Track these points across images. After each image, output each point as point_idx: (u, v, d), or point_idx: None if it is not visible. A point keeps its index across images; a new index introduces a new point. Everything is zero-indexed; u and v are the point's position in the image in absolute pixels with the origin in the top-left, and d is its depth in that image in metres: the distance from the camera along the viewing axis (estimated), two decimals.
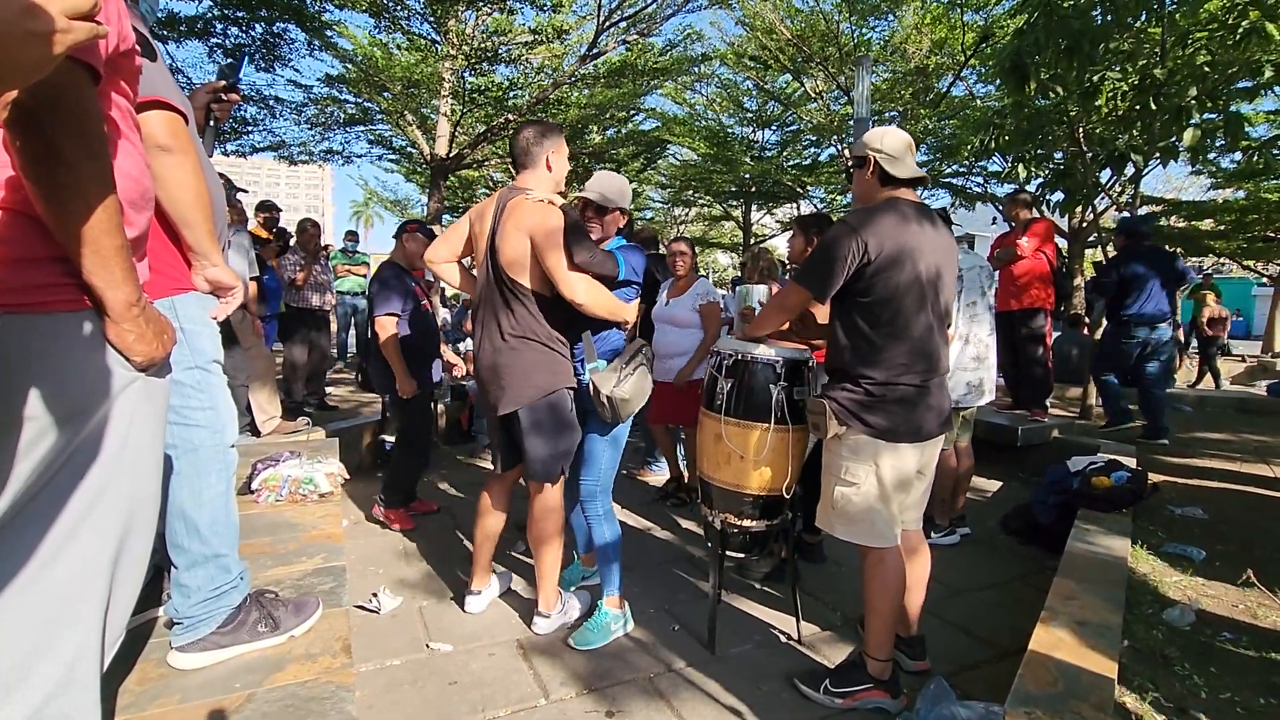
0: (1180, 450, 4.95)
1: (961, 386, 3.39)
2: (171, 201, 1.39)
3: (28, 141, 0.84)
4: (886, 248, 1.94)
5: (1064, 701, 1.66)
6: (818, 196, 14.90)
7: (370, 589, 2.76)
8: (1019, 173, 5.67)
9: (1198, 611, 2.47)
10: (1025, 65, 4.30)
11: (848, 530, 2.10)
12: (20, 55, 0.62)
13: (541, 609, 2.54)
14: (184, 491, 1.53)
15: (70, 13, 0.64)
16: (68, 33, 0.65)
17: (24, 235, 0.91)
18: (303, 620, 1.73)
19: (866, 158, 2.10)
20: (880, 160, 2.07)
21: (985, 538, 3.67)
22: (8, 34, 0.62)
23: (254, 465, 2.91)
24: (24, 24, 0.61)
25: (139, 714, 1.39)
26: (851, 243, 1.94)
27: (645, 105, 13.14)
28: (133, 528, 1.07)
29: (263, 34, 7.83)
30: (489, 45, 8.66)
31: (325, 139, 10.44)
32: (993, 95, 9.69)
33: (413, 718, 2.05)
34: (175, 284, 1.47)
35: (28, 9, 0.61)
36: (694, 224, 21.64)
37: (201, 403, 1.54)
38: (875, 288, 1.96)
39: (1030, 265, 4.94)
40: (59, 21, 0.64)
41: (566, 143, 2.47)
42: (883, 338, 1.99)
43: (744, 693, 2.20)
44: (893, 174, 2.06)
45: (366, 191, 17.95)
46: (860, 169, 2.13)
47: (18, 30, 0.62)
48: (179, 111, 1.36)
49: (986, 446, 4.47)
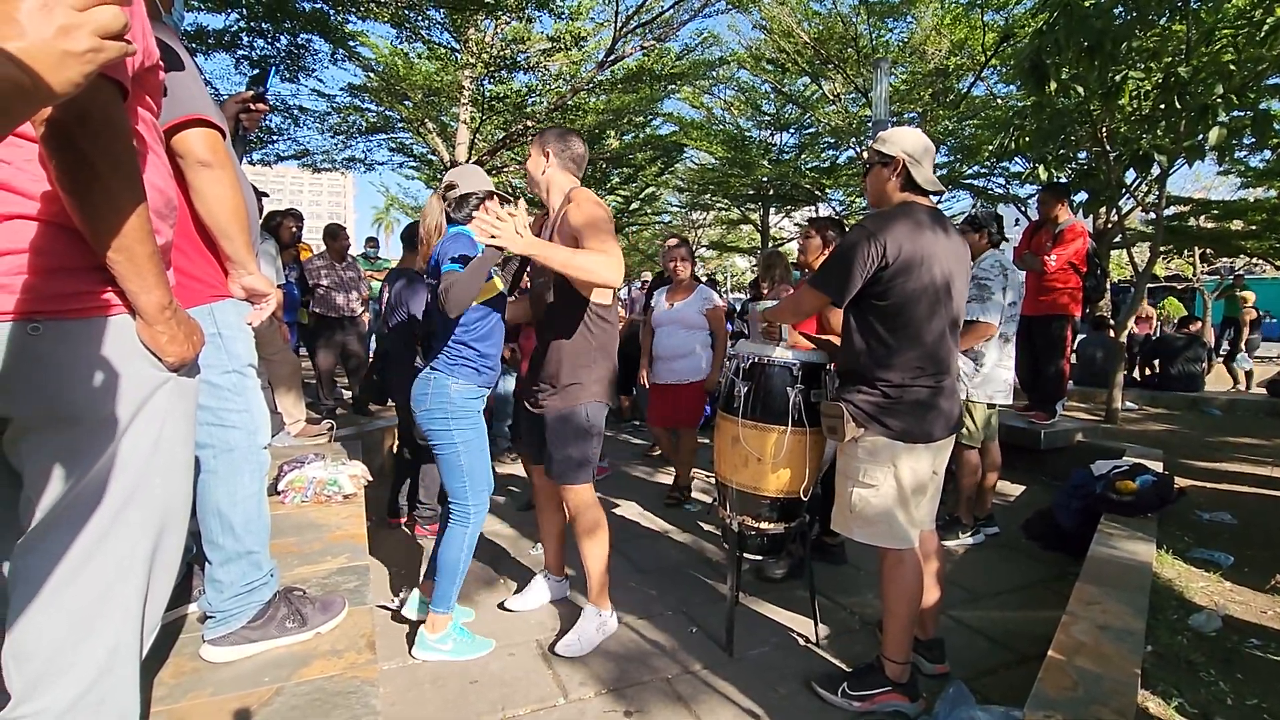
0: (1209, 454, 4.86)
1: (1001, 384, 3.43)
2: (210, 214, 1.45)
3: (62, 156, 0.89)
4: (904, 252, 1.94)
5: (1085, 706, 1.65)
6: (836, 199, 14.85)
7: (392, 589, 2.81)
8: (1040, 174, 5.61)
9: (1224, 617, 2.43)
10: (1045, 65, 4.26)
11: (866, 533, 2.10)
12: (56, 74, 0.65)
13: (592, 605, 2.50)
14: (219, 490, 1.58)
15: (102, 32, 0.67)
16: (100, 51, 0.67)
17: (61, 246, 0.96)
18: (330, 618, 1.77)
19: (896, 159, 2.07)
20: (908, 164, 2.06)
21: (1006, 542, 3.64)
22: (44, 54, 0.64)
23: (280, 467, 2.98)
24: (59, 44, 0.64)
25: (173, 705, 1.44)
26: (870, 247, 1.95)
27: (662, 110, 13.21)
28: (167, 522, 1.12)
29: (288, 45, 8.02)
30: (508, 53, 8.78)
31: (348, 147, 10.65)
32: (1014, 95, 9.59)
33: (435, 715, 2.09)
34: (213, 292, 1.53)
35: (63, 30, 0.64)
36: (711, 228, 21.64)
37: (237, 405, 1.59)
38: (892, 291, 1.97)
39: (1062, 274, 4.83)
40: (92, 41, 0.66)
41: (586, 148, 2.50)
42: (898, 341, 2.00)
43: (761, 695, 2.21)
44: (916, 180, 2.06)
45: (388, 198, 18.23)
46: (884, 167, 2.10)
47: (54, 50, 0.65)
48: (218, 128, 1.42)
49: (1008, 449, 4.42)
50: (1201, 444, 5.33)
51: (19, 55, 0.62)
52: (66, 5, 0.64)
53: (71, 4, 0.64)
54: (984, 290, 3.27)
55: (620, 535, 3.67)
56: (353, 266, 5.58)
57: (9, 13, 0.62)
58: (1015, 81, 8.76)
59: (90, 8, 0.66)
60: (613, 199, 16.57)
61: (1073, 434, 4.94)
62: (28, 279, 0.94)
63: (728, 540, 2.58)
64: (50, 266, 0.95)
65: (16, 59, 0.62)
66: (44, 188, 0.94)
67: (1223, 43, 4.35)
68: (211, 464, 1.57)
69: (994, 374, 3.41)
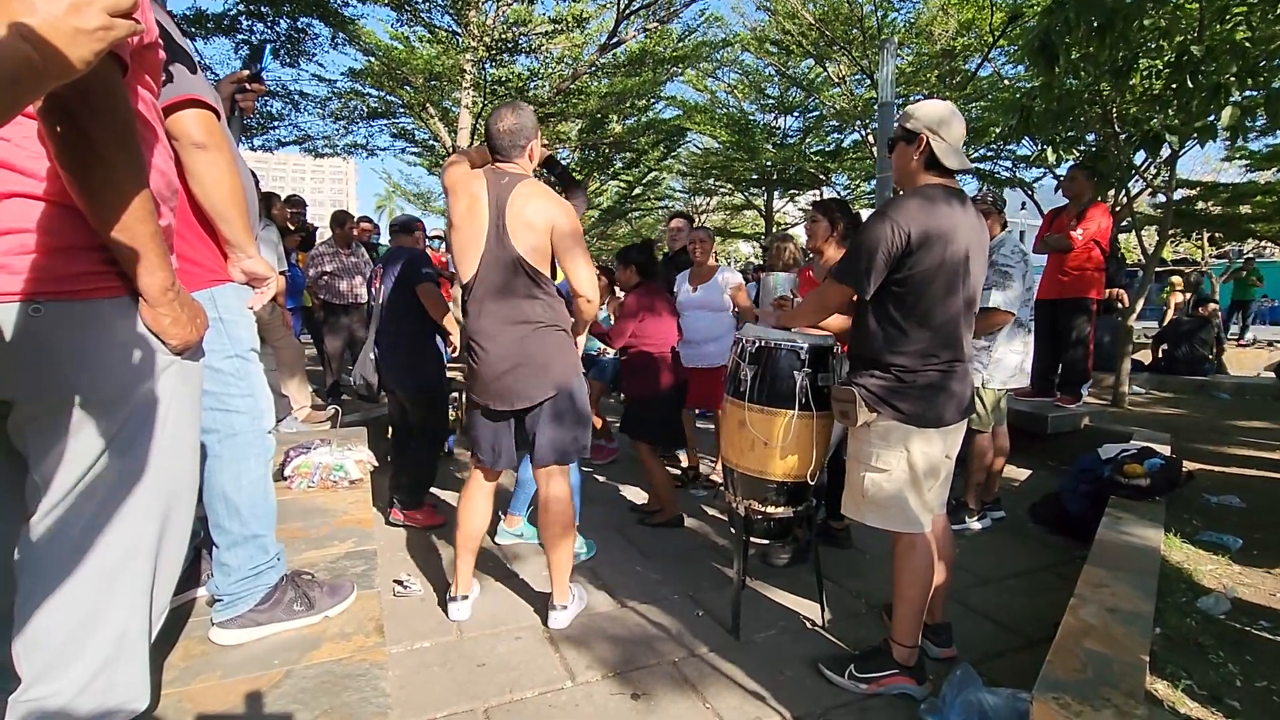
0: (1218, 438, 4.83)
1: (1012, 369, 3.41)
2: (207, 197, 1.42)
3: (62, 133, 0.87)
4: (930, 231, 1.91)
5: (1094, 688, 1.65)
6: (841, 183, 14.72)
7: (398, 573, 2.82)
8: (1048, 156, 5.55)
9: (1233, 600, 2.43)
10: (1054, 45, 4.19)
11: (879, 517, 2.09)
12: (67, 52, 0.65)
13: (556, 602, 2.52)
14: (225, 475, 1.58)
15: (112, 10, 0.66)
16: (110, 29, 0.67)
17: (63, 225, 0.94)
18: (338, 602, 1.77)
19: (921, 136, 2.00)
20: (934, 145, 1.99)
21: (1014, 526, 3.63)
22: (55, 31, 0.64)
23: (286, 453, 2.98)
24: (71, 21, 0.64)
25: (183, 688, 1.45)
26: (893, 235, 1.92)
27: (665, 93, 13.06)
28: (174, 506, 1.11)
29: (287, 29, 7.94)
30: (509, 36, 8.68)
31: (349, 133, 10.57)
32: (1022, 76, 9.46)
33: (444, 697, 2.10)
34: (213, 276, 1.51)
35: (74, 7, 0.64)
36: (715, 213, 21.51)
37: (241, 390, 1.58)
38: (911, 274, 1.94)
39: (1085, 253, 4.80)
40: (102, 18, 0.66)
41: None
42: (913, 324, 1.98)
43: (767, 678, 2.22)
44: (939, 158, 1.99)
45: (390, 185, 18.12)
46: (910, 145, 2.03)
47: (65, 28, 0.64)
48: (212, 109, 1.39)
49: (1015, 434, 4.39)
50: (1210, 428, 5.31)
51: (31, 32, 0.61)
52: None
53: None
54: (1005, 277, 3.23)
55: (624, 520, 3.68)
56: (356, 253, 5.57)
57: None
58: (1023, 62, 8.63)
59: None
60: (615, 184, 16.47)
61: (1080, 418, 4.92)
62: (29, 259, 0.92)
63: (734, 524, 2.58)
64: (52, 246, 0.94)
65: (29, 36, 0.61)
66: (45, 165, 0.93)
67: (1236, 20, 4.26)
68: (217, 449, 1.57)
69: (1005, 359, 3.38)
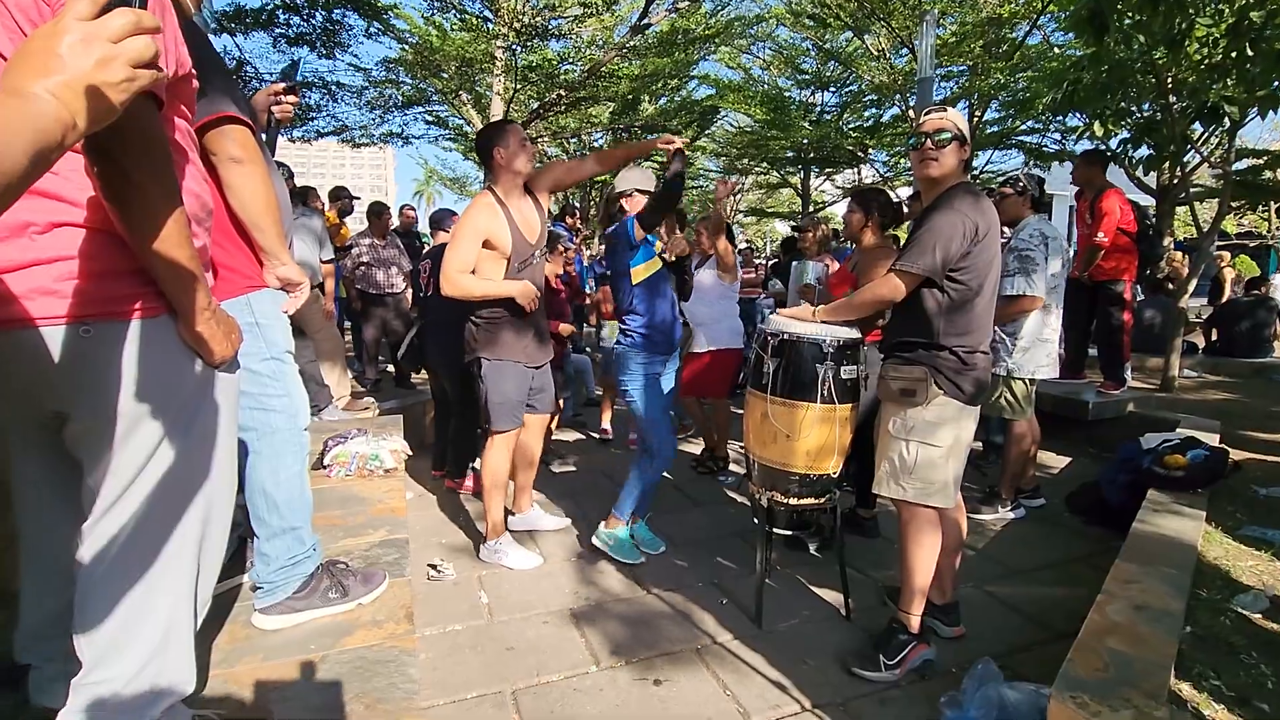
0: (1272, 425, 4.62)
1: (1044, 358, 3.34)
2: (244, 208, 1.51)
3: (102, 169, 0.94)
4: (991, 224, 2.09)
5: (1114, 688, 1.63)
6: (880, 160, 14.32)
7: (433, 559, 2.93)
8: (1095, 130, 5.31)
9: (1272, 597, 2.35)
10: (1105, 13, 4.00)
11: (919, 491, 2.16)
12: (95, 104, 0.69)
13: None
14: (264, 470, 1.67)
15: (135, 61, 0.71)
16: (134, 80, 0.71)
17: (106, 251, 1.01)
18: (370, 590, 1.87)
19: (966, 140, 2.19)
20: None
21: (1049, 515, 3.57)
22: (83, 85, 0.68)
23: (325, 442, 3.10)
24: (98, 75, 0.68)
25: (229, 670, 1.56)
26: (968, 227, 2.05)
27: (698, 72, 12.87)
28: (214, 506, 1.20)
29: (323, 21, 8.09)
30: (540, 20, 8.67)
31: (385, 121, 10.76)
32: (1072, 44, 9.01)
33: (474, 679, 2.19)
34: (249, 282, 1.60)
35: (100, 62, 0.68)
36: (750, 192, 21.19)
37: (277, 390, 1.67)
38: (975, 263, 2.08)
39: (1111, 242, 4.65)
40: (126, 71, 0.70)
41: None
42: (968, 310, 2.11)
43: (790, 667, 2.25)
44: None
45: (427, 170, 18.38)
46: (963, 146, 2.17)
47: (93, 81, 0.69)
48: (248, 124, 1.46)
49: (1054, 420, 4.30)
50: (1265, 414, 5.07)
51: (61, 88, 0.66)
52: (102, 39, 0.68)
53: (107, 37, 0.68)
54: (1026, 262, 3.15)
55: (651, 508, 3.72)
56: (393, 244, 5.65)
57: (52, 49, 0.66)
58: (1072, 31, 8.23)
59: (123, 39, 0.69)
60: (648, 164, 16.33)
61: (1124, 404, 4.76)
62: (77, 284, 1.00)
63: (757, 514, 2.60)
64: (98, 271, 1.01)
65: (58, 94, 0.66)
66: (90, 195, 1.00)
67: None
68: (256, 445, 1.66)
69: (1035, 347, 3.29)
